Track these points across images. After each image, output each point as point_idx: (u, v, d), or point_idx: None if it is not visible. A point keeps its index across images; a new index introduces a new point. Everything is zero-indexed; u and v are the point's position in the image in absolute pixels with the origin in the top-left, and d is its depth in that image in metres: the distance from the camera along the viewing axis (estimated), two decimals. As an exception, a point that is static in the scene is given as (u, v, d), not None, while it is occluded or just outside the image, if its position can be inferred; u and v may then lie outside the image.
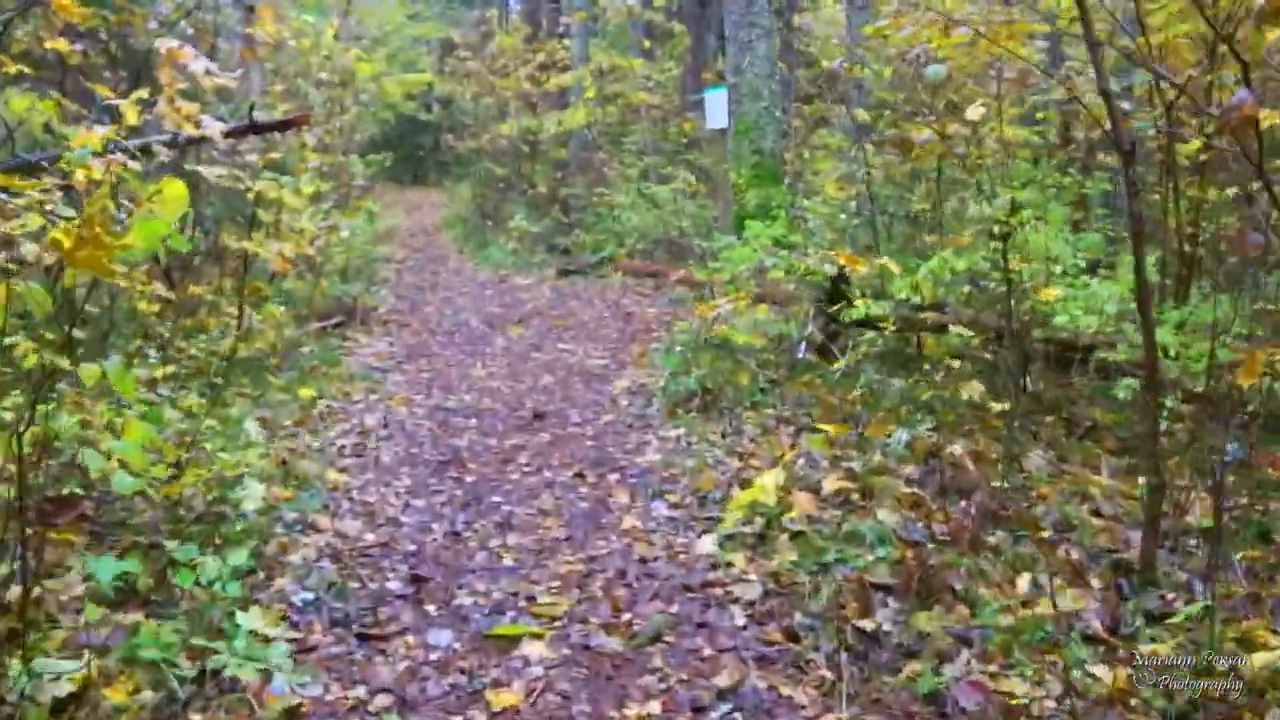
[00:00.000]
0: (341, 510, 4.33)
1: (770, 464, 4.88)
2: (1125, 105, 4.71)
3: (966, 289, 6.45)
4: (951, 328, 6.22)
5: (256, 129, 6.12)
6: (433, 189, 24.14)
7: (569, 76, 14.52)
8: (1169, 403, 4.55)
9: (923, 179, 8.02)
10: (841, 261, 6.99)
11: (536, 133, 15.04)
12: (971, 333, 6.17)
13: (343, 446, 5.25)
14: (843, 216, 7.44)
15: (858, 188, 11.32)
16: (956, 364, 5.20)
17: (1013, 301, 5.40)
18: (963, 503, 4.26)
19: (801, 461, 4.83)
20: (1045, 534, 3.95)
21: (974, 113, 4.74)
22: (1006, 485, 4.37)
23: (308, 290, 8.86)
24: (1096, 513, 4.22)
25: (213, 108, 9.48)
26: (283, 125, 6.13)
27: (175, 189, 2.59)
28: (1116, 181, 7.38)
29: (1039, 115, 7.54)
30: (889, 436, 5.10)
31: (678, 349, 7.29)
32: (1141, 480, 4.11)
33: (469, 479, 4.83)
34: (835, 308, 6.77)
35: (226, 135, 6.39)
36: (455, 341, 8.17)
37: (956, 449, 4.85)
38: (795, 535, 3.90)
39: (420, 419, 5.85)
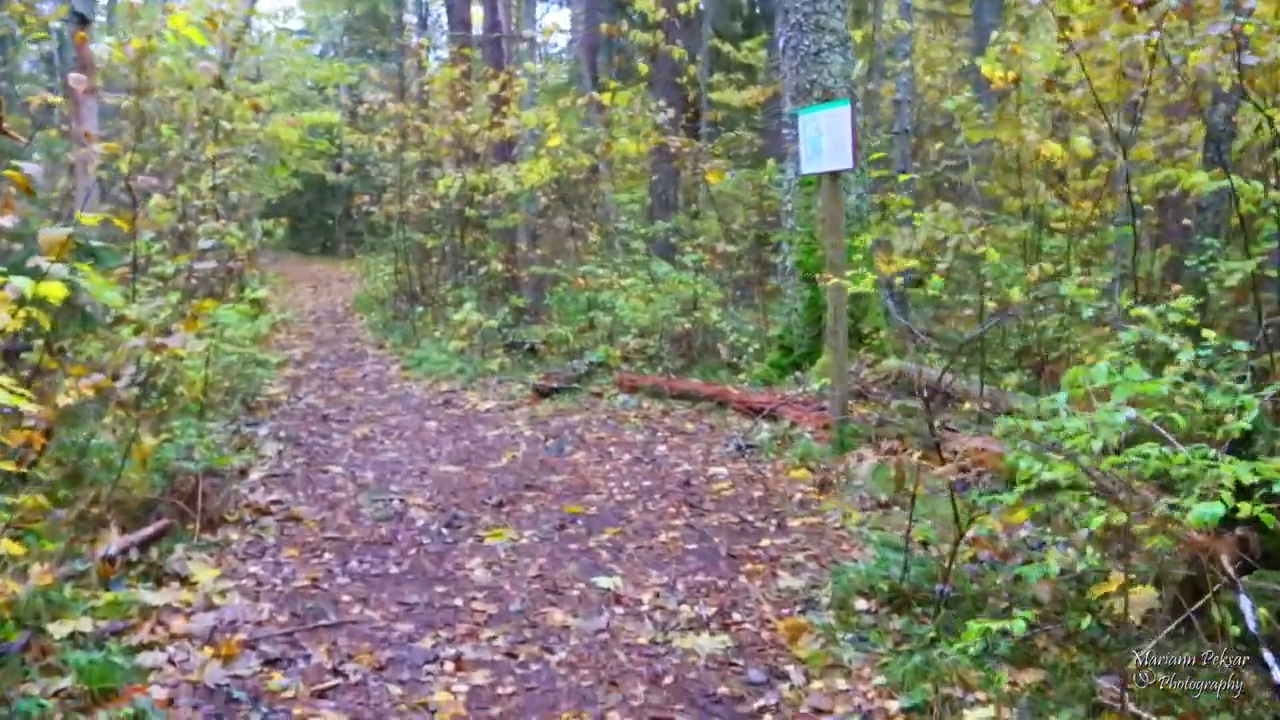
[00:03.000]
0: None
1: None
2: None
3: None
4: None
5: None
6: (342, 261, 20.43)
7: (529, 116, 10.78)
8: None
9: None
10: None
11: (485, 193, 11.17)
12: None
13: None
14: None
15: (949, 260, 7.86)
16: None
17: None
18: None
19: None
20: None
21: None
22: None
23: (114, 453, 4.81)
24: None
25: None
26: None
27: None
28: None
29: None
30: None
31: (862, 617, 3.48)
32: None
33: None
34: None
35: None
36: (388, 571, 4.19)
37: None
38: None
39: None
